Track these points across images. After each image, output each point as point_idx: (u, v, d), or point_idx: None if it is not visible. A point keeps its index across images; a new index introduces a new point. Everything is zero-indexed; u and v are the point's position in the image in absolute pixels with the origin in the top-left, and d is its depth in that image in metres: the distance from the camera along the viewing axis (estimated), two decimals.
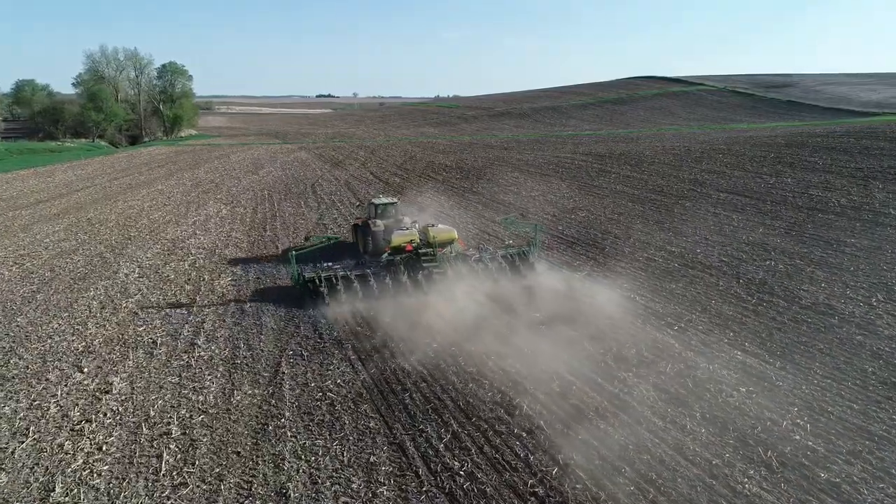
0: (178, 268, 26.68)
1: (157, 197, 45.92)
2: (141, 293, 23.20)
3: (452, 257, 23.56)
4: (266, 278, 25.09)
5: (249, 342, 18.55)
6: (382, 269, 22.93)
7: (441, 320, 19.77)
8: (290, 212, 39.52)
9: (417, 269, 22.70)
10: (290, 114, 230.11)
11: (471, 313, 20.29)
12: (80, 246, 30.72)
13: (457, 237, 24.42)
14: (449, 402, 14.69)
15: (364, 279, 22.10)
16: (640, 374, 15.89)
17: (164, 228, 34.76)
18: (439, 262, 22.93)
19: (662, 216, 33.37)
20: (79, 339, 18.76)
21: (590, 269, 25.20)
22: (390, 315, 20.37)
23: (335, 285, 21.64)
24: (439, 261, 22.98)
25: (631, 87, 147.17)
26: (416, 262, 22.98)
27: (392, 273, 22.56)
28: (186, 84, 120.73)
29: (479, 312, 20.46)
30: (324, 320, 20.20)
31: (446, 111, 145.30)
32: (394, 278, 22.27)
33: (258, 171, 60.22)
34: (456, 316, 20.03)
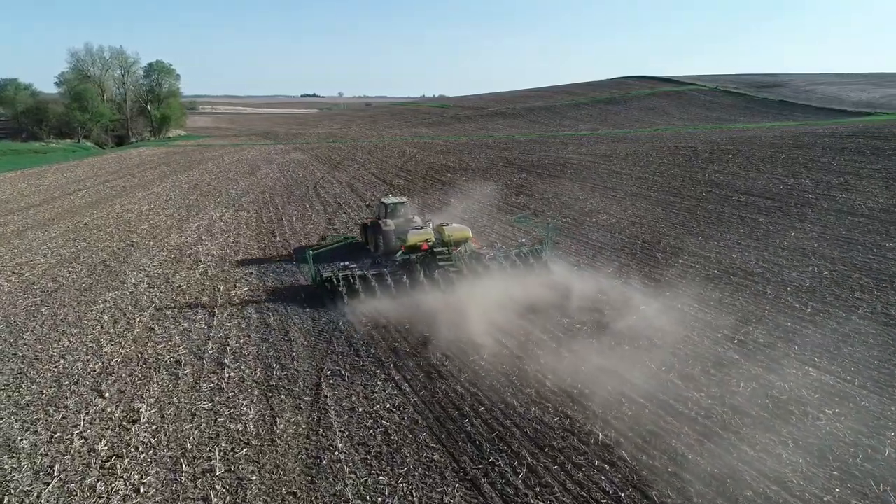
0: (190, 277, 25.16)
1: (154, 200, 44.16)
2: (154, 306, 21.68)
3: (467, 256, 23.46)
4: (284, 289, 23.67)
5: (281, 360, 17.16)
6: (399, 268, 22.94)
7: (480, 330, 18.60)
8: (297, 215, 38.04)
9: (433, 268, 22.61)
10: (276, 114, 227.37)
11: (511, 323, 19.24)
12: (80, 253, 29.05)
13: (471, 236, 24.39)
14: (515, 430, 13.44)
15: (381, 278, 22.03)
16: (713, 394, 14.75)
17: (168, 234, 33.14)
18: (454, 261, 22.87)
19: (687, 219, 32.36)
20: (94, 359, 17.25)
21: (624, 276, 24.05)
22: (424, 325, 19.32)
23: (353, 285, 21.56)
24: (454, 260, 22.93)
25: (623, 87, 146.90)
26: (432, 261, 22.90)
27: (409, 272, 22.44)
28: (174, 83, 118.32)
29: (519, 323, 19.31)
30: (357, 335, 18.85)
31: (438, 111, 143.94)
32: (411, 277, 22.16)
33: (255, 172, 58.54)
34: (497, 327, 18.91)
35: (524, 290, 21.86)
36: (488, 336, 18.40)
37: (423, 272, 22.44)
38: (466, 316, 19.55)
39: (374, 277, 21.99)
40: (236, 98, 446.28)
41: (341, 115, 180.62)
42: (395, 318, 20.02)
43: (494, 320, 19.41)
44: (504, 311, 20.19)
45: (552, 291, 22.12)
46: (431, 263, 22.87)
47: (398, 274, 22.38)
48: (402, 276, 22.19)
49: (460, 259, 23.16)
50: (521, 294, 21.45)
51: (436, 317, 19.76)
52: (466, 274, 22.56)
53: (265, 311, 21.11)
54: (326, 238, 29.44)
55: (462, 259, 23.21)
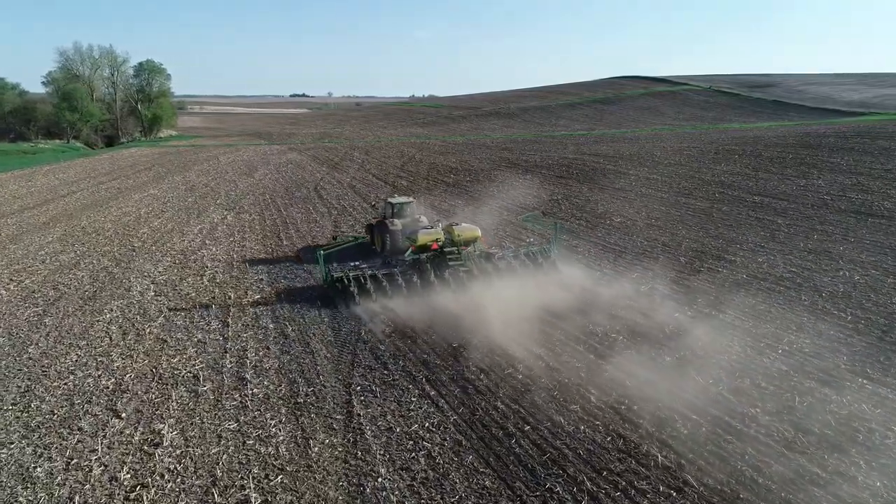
0: (198, 284, 24.11)
1: (151, 202, 42.94)
2: (163, 316, 20.63)
3: (476, 256, 23.48)
4: (298, 295, 22.70)
5: (306, 375, 16.21)
6: (409, 267, 22.90)
7: (509, 338, 17.89)
8: (301, 218, 37.01)
9: (443, 268, 22.50)
10: (266, 114, 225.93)
11: (540, 331, 18.57)
12: (80, 259, 27.90)
13: (480, 235, 24.25)
14: (567, 451, 12.58)
15: (392, 278, 21.88)
16: (769, 409, 13.97)
17: (169, 238, 32.01)
18: (464, 261, 22.82)
19: (704, 221, 31.68)
20: (106, 375, 16.21)
21: (649, 280, 23.26)
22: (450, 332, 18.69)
23: (364, 285, 21.40)
24: (464, 259, 22.89)
25: (617, 87, 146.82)
26: (442, 261, 22.80)
27: (419, 272, 22.35)
28: (164, 83, 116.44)
29: (549, 332, 18.53)
30: (382, 347, 17.92)
31: (431, 111, 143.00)
32: (421, 277, 22.04)
33: (252, 173, 57.39)
34: (525, 335, 18.15)
35: (542, 293, 21.39)
36: (519, 346, 17.58)
37: (434, 272, 22.25)
38: (490, 322, 18.86)
39: (385, 277, 21.87)
40: (225, 98, 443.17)
41: (333, 115, 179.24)
42: (418, 325, 19.27)
43: (522, 328, 18.64)
44: (528, 316, 19.51)
45: (573, 295, 21.41)
46: (441, 263, 22.73)
47: (408, 274, 22.24)
48: (413, 275, 22.05)
49: (470, 259, 23.08)
50: (540, 297, 20.91)
51: (459, 323, 19.13)
52: (477, 274, 22.44)
53: (281, 321, 20.14)
54: (337, 238, 28.66)
55: (472, 259, 23.14)
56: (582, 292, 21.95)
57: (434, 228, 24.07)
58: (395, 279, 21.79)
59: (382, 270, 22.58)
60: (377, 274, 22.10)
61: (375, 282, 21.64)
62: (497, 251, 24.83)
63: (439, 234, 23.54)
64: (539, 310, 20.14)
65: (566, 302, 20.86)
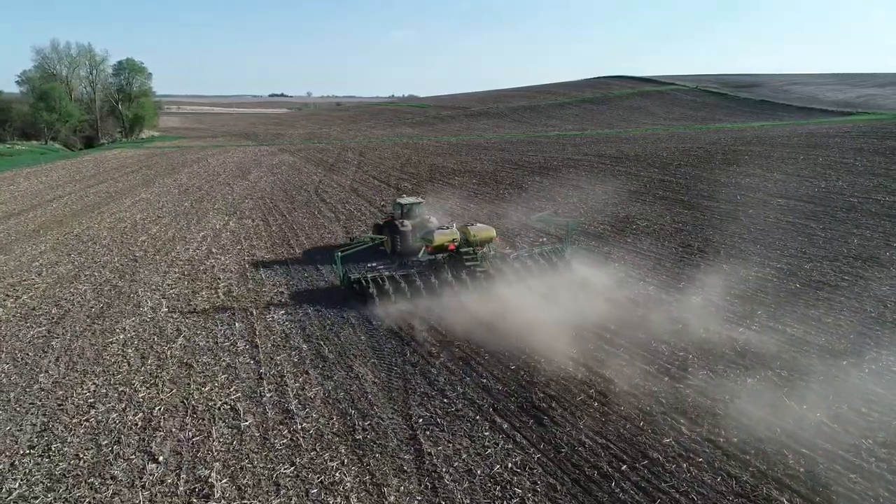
0: (213, 298, 22.29)
1: (145, 207, 40.78)
2: (183, 336, 18.81)
3: (491, 256, 23.37)
4: (324, 308, 21.03)
5: (357, 405, 14.56)
6: (425, 268, 22.70)
7: (566, 358, 16.62)
8: (308, 223, 35.21)
9: (460, 269, 22.32)
10: (247, 114, 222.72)
11: (597, 348, 17.23)
12: (79, 270, 25.88)
13: (495, 236, 24.16)
14: (677, 496, 11.14)
15: (409, 279, 21.68)
16: (881, 440, 12.67)
17: (172, 246, 30.04)
18: (480, 261, 22.69)
19: (737, 226, 30.49)
20: (131, 408, 14.42)
21: (697, 290, 21.92)
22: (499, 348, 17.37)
23: (382, 286, 21.16)
24: (480, 259, 22.75)
25: (604, 87, 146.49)
26: (459, 262, 22.63)
27: (436, 273, 22.12)
28: (145, 82, 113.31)
29: (607, 349, 17.14)
30: (434, 370, 16.32)
31: (419, 111, 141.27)
32: (439, 278, 21.76)
33: (246, 176, 55.30)
34: (585, 354, 16.75)
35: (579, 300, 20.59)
36: (581, 366, 16.26)
37: (451, 273, 22.01)
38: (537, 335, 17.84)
39: (402, 278, 21.61)
40: (202, 98, 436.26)
41: (317, 115, 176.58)
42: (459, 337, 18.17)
43: (577, 343, 17.37)
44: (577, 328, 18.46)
45: (621, 307, 20.20)
46: (458, 264, 22.54)
47: (425, 274, 22.02)
48: (431, 276, 21.81)
49: (485, 259, 22.95)
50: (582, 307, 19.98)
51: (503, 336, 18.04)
52: (493, 274, 22.35)
53: (314, 339, 18.46)
54: (354, 239, 27.73)
55: (487, 259, 23.01)
56: (630, 303, 20.73)
57: (450, 228, 23.59)
58: (412, 280, 21.53)
59: (400, 272, 22.28)
60: (394, 275, 21.79)
61: (393, 283, 21.31)
62: (511, 251, 24.52)
63: (455, 235, 23.18)
64: (586, 321, 18.97)
65: (614, 313, 19.71)
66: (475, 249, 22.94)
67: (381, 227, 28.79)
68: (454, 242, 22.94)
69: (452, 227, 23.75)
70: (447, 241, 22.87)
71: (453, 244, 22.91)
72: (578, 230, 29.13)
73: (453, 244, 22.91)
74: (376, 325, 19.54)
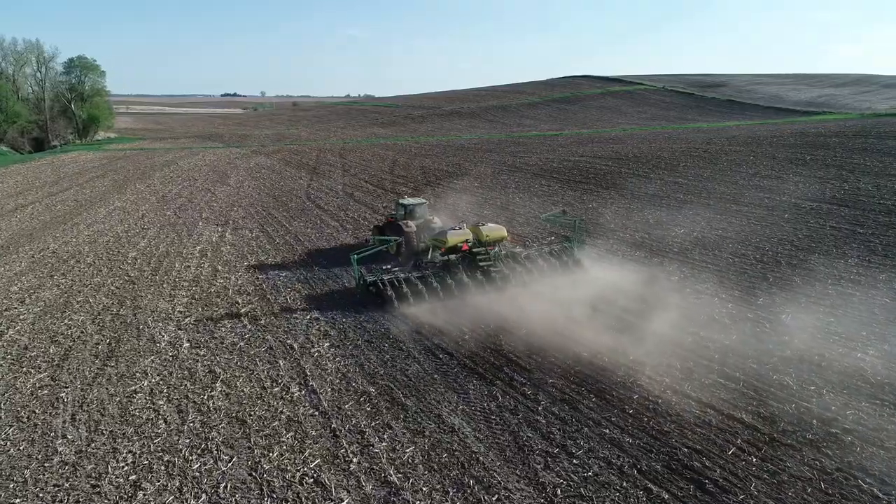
0: (240, 329, 19.21)
1: (124, 217, 36.91)
2: (220, 380, 15.76)
3: (503, 256, 23.14)
4: (378, 339, 18.28)
5: (470, 470, 11.93)
6: (440, 269, 22.30)
7: (663, 387, 14.46)
8: (313, 234, 32.17)
9: (474, 269, 22.09)
10: (201, 114, 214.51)
11: (719, 387, 14.81)
12: (68, 296, 22.36)
13: (507, 235, 24.19)
14: None
15: (425, 281, 21.27)
16: None
17: (169, 263, 26.65)
18: (494, 261, 22.52)
19: (781, 232, 28.81)
20: (188, 486, 11.43)
21: (779, 307, 19.96)
22: (605, 385, 14.88)
23: (399, 288, 20.76)
24: (493, 259, 22.60)
25: (574, 87, 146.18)
26: (472, 262, 22.41)
27: (451, 273, 21.81)
28: (99, 80, 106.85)
29: (699, 371, 14.81)
30: (541, 418, 13.76)
31: (387, 111, 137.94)
32: (454, 279, 21.50)
33: (225, 180, 51.53)
34: (707, 391, 14.54)
35: (659, 321, 18.73)
36: (705, 406, 14.09)
37: (466, 273, 21.74)
38: (632, 366, 16.02)
39: (419, 280, 21.21)
40: (150, 98, 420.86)
41: (277, 115, 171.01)
42: (522, 356, 15.87)
43: (683, 375, 15.17)
44: (671, 354, 16.47)
45: (708, 328, 18.25)
46: (472, 264, 22.33)
47: (440, 275, 21.66)
48: (446, 277, 21.51)
49: (498, 258, 22.78)
50: (664, 329, 18.19)
51: (588, 365, 16.16)
52: (507, 274, 22.18)
53: (380, 380, 15.73)
54: (370, 241, 27.05)
55: (500, 258, 22.82)
56: (715, 323, 18.76)
57: (462, 229, 23.41)
58: (429, 282, 21.16)
59: (415, 273, 21.85)
60: (410, 277, 21.40)
61: (410, 285, 20.90)
62: (522, 250, 24.26)
63: (469, 235, 23.09)
64: (679, 346, 17.15)
65: (705, 335, 17.84)
66: (487, 249, 22.84)
67: (382, 229, 27.99)
68: (468, 243, 22.80)
69: (464, 228, 23.55)
70: (461, 241, 22.68)
71: (467, 244, 22.76)
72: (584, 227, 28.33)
73: (467, 244, 22.76)
74: (443, 358, 16.89)
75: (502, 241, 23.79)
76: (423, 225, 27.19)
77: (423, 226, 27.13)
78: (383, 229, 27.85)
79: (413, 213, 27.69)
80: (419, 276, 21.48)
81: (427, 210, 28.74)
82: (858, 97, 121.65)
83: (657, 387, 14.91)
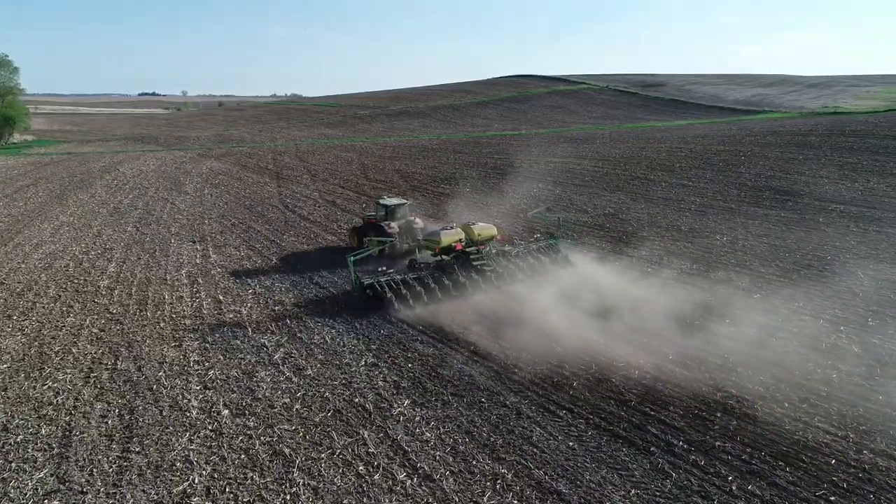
0: (285, 384, 15.25)
1: (76, 235, 31.48)
2: (299, 468, 11.85)
3: (494, 254, 23.01)
4: (460, 385, 14.81)
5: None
6: (434, 270, 22.05)
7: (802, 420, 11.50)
8: (310, 249, 28.05)
9: (468, 268, 21.83)
10: (121, 114, 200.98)
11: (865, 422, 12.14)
12: (40, 345, 17.63)
13: (497, 234, 24.18)
14: None
15: (423, 281, 20.95)
16: None
17: (156, 294, 22.11)
18: (486, 259, 22.36)
19: (819, 237, 27.11)
20: None
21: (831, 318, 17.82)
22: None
23: (397, 290, 20.38)
24: (486, 257, 22.44)
25: (520, 86, 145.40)
26: (466, 261, 22.18)
27: (447, 274, 21.53)
28: (11, 78, 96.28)
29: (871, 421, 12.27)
30: (710, 490, 10.69)
31: (330, 110, 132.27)
32: (451, 279, 21.18)
33: (181, 188, 46.08)
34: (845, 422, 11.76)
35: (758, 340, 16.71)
36: (842, 436, 11.28)
37: (461, 273, 21.38)
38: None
39: (416, 281, 20.90)
40: (59, 97, 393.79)
41: (210, 115, 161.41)
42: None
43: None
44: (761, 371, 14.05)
45: (812, 349, 15.73)
46: (465, 263, 22.07)
47: (436, 276, 21.39)
48: (443, 278, 21.21)
49: (489, 257, 22.61)
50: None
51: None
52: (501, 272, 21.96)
53: (503, 453, 12.28)
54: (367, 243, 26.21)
55: (491, 257, 22.67)
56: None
57: (454, 228, 23.12)
58: (426, 283, 20.86)
59: (411, 275, 21.49)
60: (407, 278, 21.07)
61: (407, 286, 20.55)
62: (510, 248, 24.19)
63: (461, 234, 22.89)
64: (783, 360, 15.22)
65: (799, 354, 15.61)
66: (479, 248, 22.76)
67: (361, 230, 27.61)
68: (461, 242, 22.64)
69: (456, 227, 23.26)
70: (454, 241, 22.51)
71: (461, 244, 22.60)
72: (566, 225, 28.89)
73: (461, 244, 22.60)
74: (564, 416, 13.62)
75: (492, 240, 23.75)
76: (404, 226, 26.99)
77: (405, 226, 26.96)
78: (362, 231, 27.43)
79: (394, 213, 27.25)
80: (415, 278, 21.15)
81: (408, 210, 28.35)
82: (786, 96, 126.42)
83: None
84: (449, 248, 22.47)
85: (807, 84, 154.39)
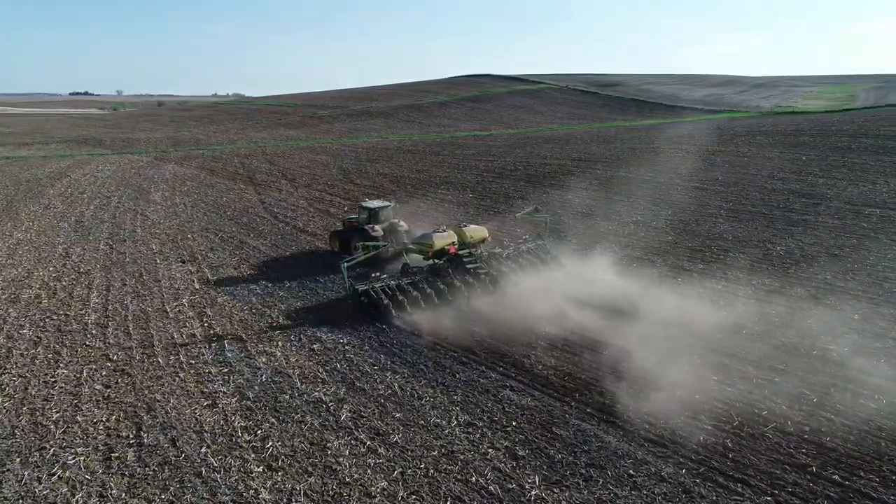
0: (371, 459, 12.00)
1: (39, 255, 27.02)
2: None
3: (486, 257, 22.59)
4: (565, 447, 11.86)
5: None
6: (428, 274, 21.51)
7: None
8: (329, 277, 24.52)
9: (461, 271, 21.36)
10: (53, 114, 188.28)
11: None
12: (31, 412, 13.77)
13: (488, 236, 23.99)
14: None
15: (418, 286, 20.40)
16: None
17: (161, 333, 18.39)
18: (479, 262, 22.01)
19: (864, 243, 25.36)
20: None
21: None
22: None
23: (393, 296, 19.68)
24: (479, 260, 22.14)
25: (480, 86, 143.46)
26: (459, 264, 21.76)
27: (441, 277, 20.99)
28: None
29: None
30: None
31: (287, 110, 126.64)
32: (446, 283, 20.59)
33: (147, 197, 41.52)
34: None
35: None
36: None
37: (456, 277, 20.93)
38: None
39: (410, 287, 20.36)
40: None
41: (155, 115, 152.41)
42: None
43: None
44: None
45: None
46: (458, 266, 21.63)
47: (431, 280, 20.89)
48: (437, 282, 20.70)
49: (481, 259, 22.25)
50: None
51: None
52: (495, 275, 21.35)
53: None
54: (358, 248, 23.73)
55: (483, 259, 22.29)
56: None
57: (445, 231, 22.82)
58: (422, 287, 20.30)
59: (405, 279, 20.97)
60: (401, 283, 20.52)
61: (403, 292, 19.96)
62: (501, 250, 23.77)
63: (454, 237, 22.61)
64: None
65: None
66: (471, 250, 22.54)
67: (343, 233, 27.05)
68: (454, 245, 22.36)
69: (447, 230, 23.03)
70: (447, 244, 22.21)
71: (454, 247, 22.31)
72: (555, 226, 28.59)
73: (454, 247, 22.31)
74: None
75: (483, 242, 23.49)
76: (388, 228, 26.54)
77: (389, 229, 26.50)
78: (345, 235, 26.76)
79: (377, 216, 26.78)
80: (410, 283, 20.65)
81: (392, 213, 27.89)
82: (738, 96, 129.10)
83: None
84: (442, 251, 22.06)
85: (752, 84, 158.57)
